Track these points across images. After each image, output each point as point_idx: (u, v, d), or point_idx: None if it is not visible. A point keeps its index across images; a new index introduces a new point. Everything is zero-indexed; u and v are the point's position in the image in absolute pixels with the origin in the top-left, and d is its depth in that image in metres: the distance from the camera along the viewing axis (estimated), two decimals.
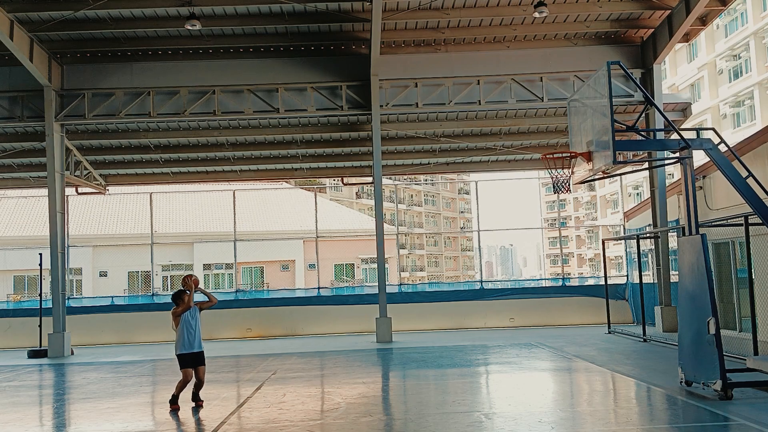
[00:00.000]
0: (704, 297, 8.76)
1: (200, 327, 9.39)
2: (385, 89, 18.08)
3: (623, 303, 20.64)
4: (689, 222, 9.48)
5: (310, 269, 35.97)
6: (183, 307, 9.23)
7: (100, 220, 38.18)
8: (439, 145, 21.83)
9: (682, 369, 9.30)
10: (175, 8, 16.00)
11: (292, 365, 13.65)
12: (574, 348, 14.56)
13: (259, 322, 20.71)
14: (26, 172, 21.98)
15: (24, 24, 16.25)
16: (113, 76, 18.07)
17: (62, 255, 17.96)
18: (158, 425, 8.45)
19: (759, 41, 40.14)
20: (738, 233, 11.97)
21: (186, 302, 9.26)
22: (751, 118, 40.75)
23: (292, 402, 9.50)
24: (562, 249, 34.92)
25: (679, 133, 9.53)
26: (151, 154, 21.58)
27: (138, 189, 31.13)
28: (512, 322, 20.69)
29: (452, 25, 17.59)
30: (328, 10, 16.39)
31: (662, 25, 17.47)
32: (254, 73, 18.13)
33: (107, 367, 14.74)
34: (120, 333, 20.35)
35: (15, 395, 11.34)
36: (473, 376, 11.69)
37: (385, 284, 17.98)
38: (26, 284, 35.81)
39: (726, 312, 13.90)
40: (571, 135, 11.26)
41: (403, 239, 68.65)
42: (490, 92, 18.12)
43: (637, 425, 7.44)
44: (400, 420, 8.24)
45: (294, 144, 21.41)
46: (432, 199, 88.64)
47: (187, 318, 9.25)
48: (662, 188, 18.16)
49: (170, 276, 36.28)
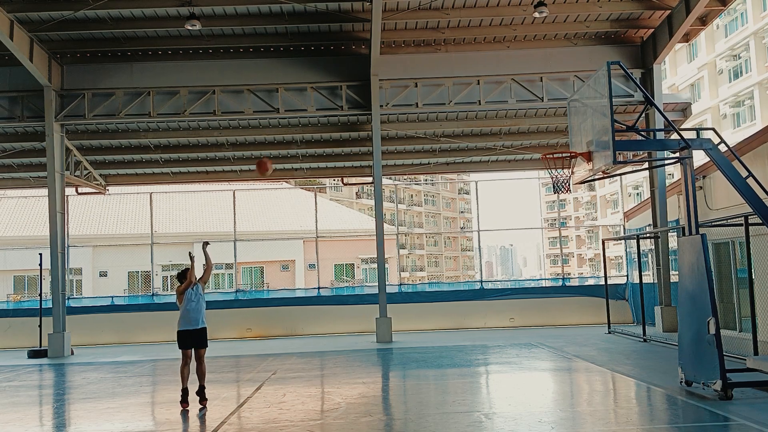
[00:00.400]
0: (704, 297, 8.76)
1: (204, 303, 9.36)
2: (385, 89, 18.08)
3: (623, 303, 20.64)
4: (689, 222, 9.48)
5: (310, 269, 35.95)
6: (185, 285, 9.28)
7: (100, 220, 38.16)
8: (439, 145, 21.83)
9: (682, 369, 9.30)
10: (175, 8, 16.00)
11: (292, 365, 13.65)
12: (574, 348, 14.56)
13: (259, 322, 20.71)
14: (26, 172, 21.98)
15: (24, 24, 16.25)
16: (113, 76, 18.07)
17: (62, 255, 17.96)
18: (158, 425, 8.46)
19: (759, 41, 40.14)
20: (738, 233, 11.96)
21: (188, 279, 9.30)
22: (751, 118, 40.74)
23: (292, 402, 9.50)
24: (562, 249, 34.92)
25: (679, 133, 9.53)
26: (151, 154, 21.58)
27: (138, 189, 31.14)
28: (512, 322, 20.69)
29: (452, 25, 17.59)
30: (328, 10, 16.38)
31: (662, 25, 17.46)
32: (254, 73, 18.13)
33: (107, 367, 14.74)
34: (120, 333, 20.35)
35: (15, 395, 11.35)
36: (473, 376, 11.69)
37: (385, 284, 17.99)
38: (26, 284, 35.80)
39: (726, 312, 13.90)
40: (571, 135, 11.27)
41: (403, 239, 68.65)
42: (490, 92, 18.12)
43: (637, 425, 7.44)
44: (400, 420, 8.24)
45: (294, 144, 21.41)
46: (432, 199, 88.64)
47: (189, 295, 9.26)
48: (662, 188, 18.16)
49: (170, 276, 36.25)
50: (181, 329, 9.24)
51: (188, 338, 9.24)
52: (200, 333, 9.29)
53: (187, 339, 9.24)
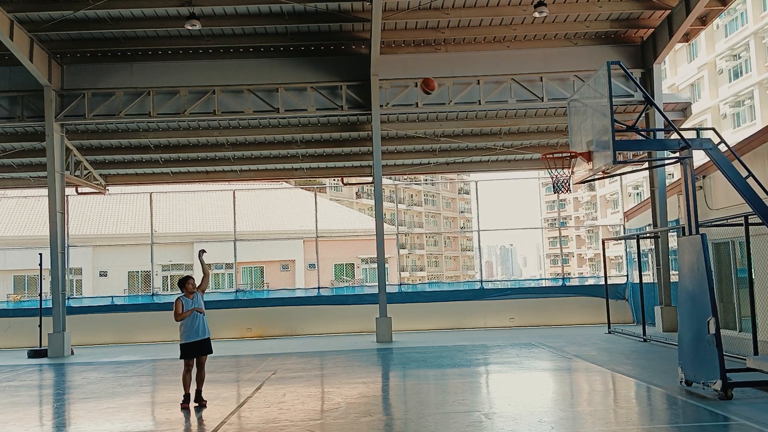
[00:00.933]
0: (704, 297, 8.76)
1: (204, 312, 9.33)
2: (385, 89, 18.08)
3: (623, 303, 20.64)
4: (689, 222, 9.48)
5: (310, 269, 35.95)
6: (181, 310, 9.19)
7: (100, 220, 38.16)
8: (439, 145, 21.83)
9: (682, 369, 9.30)
10: (175, 8, 16.00)
11: (292, 365, 13.65)
12: (574, 348, 14.56)
13: (259, 322, 20.71)
14: (26, 172, 21.99)
15: (24, 24, 16.25)
16: (113, 76, 18.07)
17: (62, 255, 17.96)
18: (158, 425, 8.46)
19: (759, 41, 40.14)
20: (738, 233, 11.96)
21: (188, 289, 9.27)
22: (751, 118, 40.74)
23: (292, 402, 9.50)
24: (562, 249, 34.90)
25: (679, 133, 9.53)
26: (151, 154, 21.58)
27: (138, 189, 31.11)
28: (512, 322, 20.69)
29: (452, 25, 17.59)
30: (328, 10, 16.38)
31: (662, 25, 17.46)
32: (254, 73, 18.13)
33: (107, 367, 14.74)
34: (120, 333, 20.35)
35: (15, 395, 11.34)
36: (473, 376, 11.69)
37: (385, 284, 17.98)
38: (26, 284, 35.79)
39: (726, 312, 13.90)
40: (571, 135, 11.27)
41: (403, 239, 68.64)
42: (490, 92, 18.12)
43: (637, 425, 7.44)
44: (400, 420, 8.24)
45: (294, 144, 21.41)
46: (432, 199, 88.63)
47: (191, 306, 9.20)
48: (662, 188, 18.16)
49: (170, 276, 36.26)
50: (186, 342, 9.19)
51: (193, 348, 9.22)
52: (205, 342, 9.30)
53: (192, 349, 9.22)
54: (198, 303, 9.27)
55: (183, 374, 9.26)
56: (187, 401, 9.15)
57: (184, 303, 9.19)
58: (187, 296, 9.24)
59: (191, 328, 9.18)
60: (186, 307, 9.18)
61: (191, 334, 9.18)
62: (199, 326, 9.21)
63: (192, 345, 9.20)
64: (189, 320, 9.18)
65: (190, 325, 9.17)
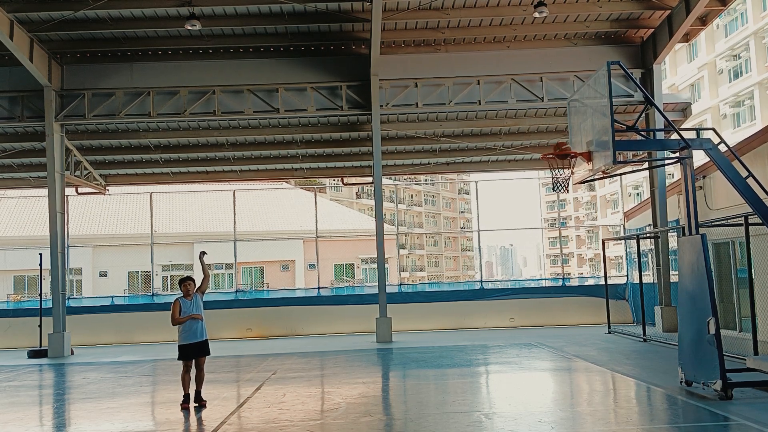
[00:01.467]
0: (704, 297, 8.76)
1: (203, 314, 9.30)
2: (385, 89, 18.08)
3: (623, 303, 20.64)
4: (689, 222, 9.48)
5: (310, 269, 35.95)
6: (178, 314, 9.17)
7: (100, 220, 38.17)
8: (439, 145, 21.83)
9: (682, 369, 9.30)
10: (175, 8, 16.00)
11: (292, 365, 13.65)
12: (574, 348, 14.56)
13: (259, 322, 20.71)
14: (26, 172, 21.98)
15: (24, 24, 16.25)
16: (113, 76, 18.06)
17: (62, 255, 17.96)
18: (158, 425, 8.46)
19: (759, 41, 40.14)
20: (738, 233, 11.97)
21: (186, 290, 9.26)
22: (751, 118, 40.74)
23: (292, 402, 9.50)
24: (562, 249, 34.88)
25: (679, 133, 9.53)
26: (151, 154, 21.58)
27: (138, 189, 31.14)
28: (512, 322, 20.69)
29: (452, 25, 17.59)
30: (328, 10, 16.38)
31: (662, 25, 17.47)
32: (254, 73, 18.14)
33: (107, 367, 14.74)
34: (120, 333, 20.35)
35: (15, 395, 11.35)
36: (473, 376, 11.69)
37: (385, 284, 17.98)
38: (26, 284, 35.79)
39: (726, 312, 13.90)
40: (571, 135, 11.26)
41: (403, 239, 68.64)
42: (490, 92, 18.12)
43: (637, 425, 7.44)
44: (400, 420, 8.24)
45: (294, 144, 21.41)
46: (432, 199, 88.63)
47: (189, 308, 9.19)
48: (662, 188, 18.16)
49: (170, 276, 36.26)
50: (184, 343, 9.20)
51: (191, 350, 9.23)
52: (203, 344, 9.31)
53: (190, 351, 9.23)
54: (197, 305, 9.27)
55: (182, 375, 9.27)
56: (186, 401, 9.17)
57: (182, 304, 9.20)
58: (186, 298, 9.25)
59: (189, 330, 9.19)
60: (184, 308, 9.18)
61: (189, 336, 9.19)
62: (197, 328, 9.23)
63: (190, 347, 9.21)
64: (187, 322, 9.19)
65: (188, 326, 9.19)
